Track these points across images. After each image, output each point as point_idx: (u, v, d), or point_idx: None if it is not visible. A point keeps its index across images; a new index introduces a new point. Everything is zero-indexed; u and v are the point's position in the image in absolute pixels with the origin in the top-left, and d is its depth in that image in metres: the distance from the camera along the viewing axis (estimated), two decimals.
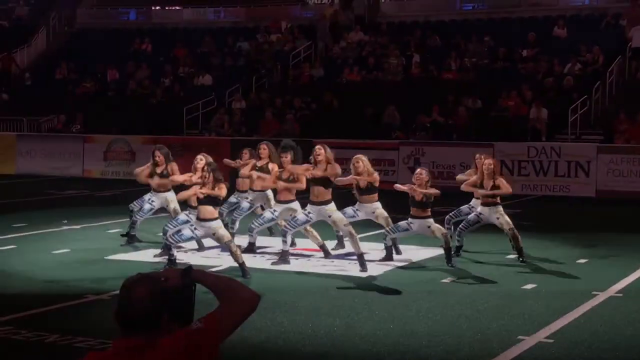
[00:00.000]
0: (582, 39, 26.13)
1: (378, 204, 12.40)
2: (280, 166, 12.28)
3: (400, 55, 27.46)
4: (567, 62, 25.24)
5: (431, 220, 11.66)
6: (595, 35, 26.28)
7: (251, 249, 12.52)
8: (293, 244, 12.34)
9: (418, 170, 11.95)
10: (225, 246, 11.24)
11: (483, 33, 27.64)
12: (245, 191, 13.44)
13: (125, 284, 3.20)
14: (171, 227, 11.86)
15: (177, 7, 35.65)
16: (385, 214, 12.42)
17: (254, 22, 32.51)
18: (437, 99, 24.29)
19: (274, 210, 12.32)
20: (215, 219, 11.03)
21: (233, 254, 10.92)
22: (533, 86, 24.28)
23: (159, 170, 13.00)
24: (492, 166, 12.14)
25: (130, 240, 13.24)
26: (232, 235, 13.25)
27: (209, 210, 10.94)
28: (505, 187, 12.11)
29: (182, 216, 12.21)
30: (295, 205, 12.15)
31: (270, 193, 13.08)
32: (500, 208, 12.14)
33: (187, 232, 11.12)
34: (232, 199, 13.68)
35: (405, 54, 27.67)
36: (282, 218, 12.34)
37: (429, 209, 11.62)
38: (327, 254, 12.25)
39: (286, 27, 31.17)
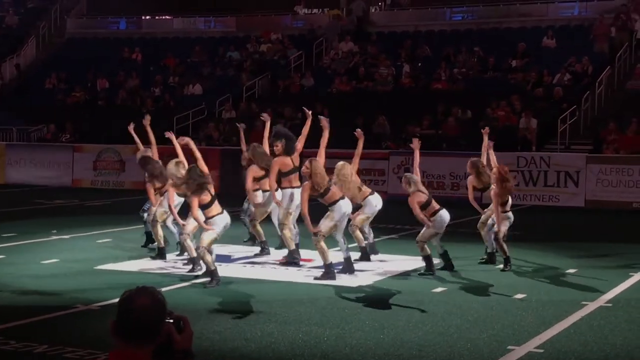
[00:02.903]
0: (571, 49, 26.25)
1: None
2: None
3: (390, 65, 27.52)
4: (556, 73, 25.32)
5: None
6: (584, 45, 26.40)
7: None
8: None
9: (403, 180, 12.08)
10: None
11: (473, 43, 27.73)
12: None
13: (127, 296, 3.28)
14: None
15: (168, 17, 35.64)
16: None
17: (244, 31, 32.53)
18: (427, 109, 24.32)
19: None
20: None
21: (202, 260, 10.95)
22: (522, 96, 24.35)
23: None
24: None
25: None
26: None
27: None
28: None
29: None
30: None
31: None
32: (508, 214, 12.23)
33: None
34: (245, 205, 13.65)
35: (395, 64, 27.74)
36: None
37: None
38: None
39: (277, 37, 31.21)
